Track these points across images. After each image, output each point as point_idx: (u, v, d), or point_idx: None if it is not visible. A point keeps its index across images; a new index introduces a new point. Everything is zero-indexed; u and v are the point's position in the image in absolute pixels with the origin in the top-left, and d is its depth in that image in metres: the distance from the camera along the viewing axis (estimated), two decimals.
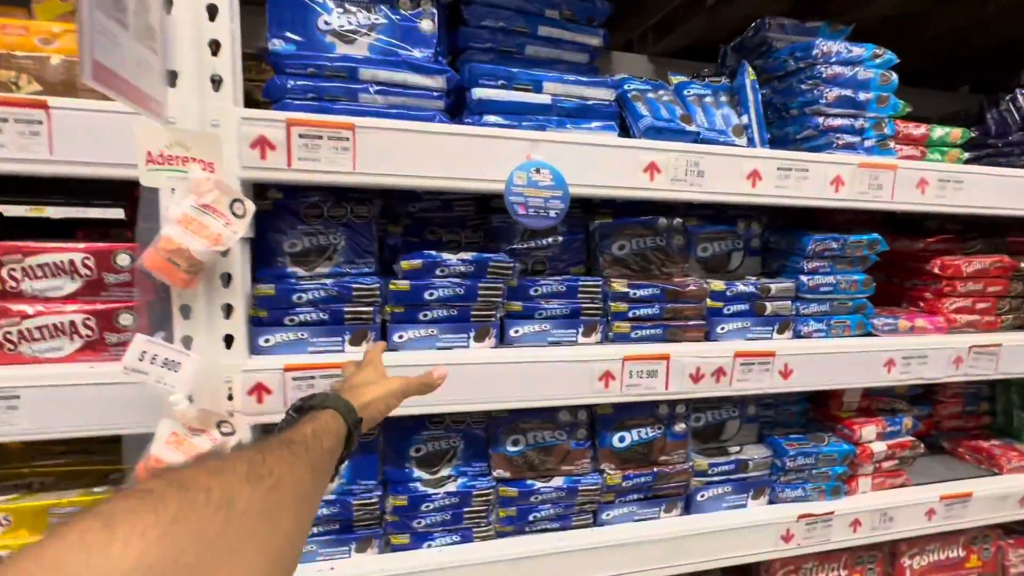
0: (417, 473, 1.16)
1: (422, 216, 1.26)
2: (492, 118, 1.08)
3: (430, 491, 1.13)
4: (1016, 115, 1.53)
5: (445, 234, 1.26)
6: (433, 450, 1.17)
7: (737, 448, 1.37)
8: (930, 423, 1.76)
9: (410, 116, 1.02)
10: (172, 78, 0.86)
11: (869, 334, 1.37)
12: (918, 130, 1.32)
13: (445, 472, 1.18)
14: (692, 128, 1.16)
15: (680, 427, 1.28)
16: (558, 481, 1.20)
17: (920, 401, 1.75)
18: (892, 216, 1.78)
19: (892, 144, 1.29)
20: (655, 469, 1.26)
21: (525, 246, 1.24)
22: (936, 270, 1.43)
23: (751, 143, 1.23)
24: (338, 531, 1.09)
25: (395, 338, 1.06)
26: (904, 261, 1.54)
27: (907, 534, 1.44)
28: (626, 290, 1.20)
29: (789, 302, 1.30)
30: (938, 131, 1.33)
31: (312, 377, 0.98)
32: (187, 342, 0.92)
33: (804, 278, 1.30)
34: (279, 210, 1.06)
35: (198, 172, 0.83)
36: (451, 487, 1.14)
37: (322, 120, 0.92)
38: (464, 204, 1.28)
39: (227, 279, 0.93)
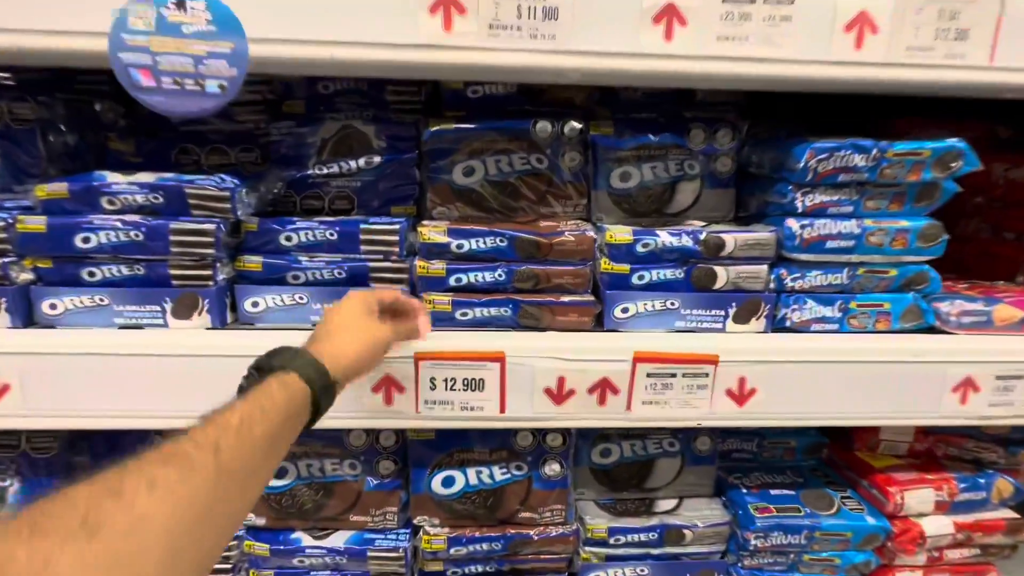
0: None
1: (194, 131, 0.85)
2: None
3: None
4: None
5: (206, 155, 0.84)
6: None
7: (671, 504, 0.85)
8: None
9: None
10: None
11: (932, 329, 0.76)
12: None
13: None
14: None
15: (554, 469, 0.78)
16: (337, 539, 0.77)
17: None
18: None
19: None
20: (509, 532, 0.78)
21: (324, 172, 0.79)
22: None
23: None
24: None
25: (45, 309, 0.68)
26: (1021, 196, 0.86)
27: None
28: (446, 239, 0.71)
29: (764, 267, 0.72)
30: None
31: None
32: None
33: (794, 223, 0.71)
34: None
35: None
36: None
37: None
38: (253, 108, 0.85)
39: None
